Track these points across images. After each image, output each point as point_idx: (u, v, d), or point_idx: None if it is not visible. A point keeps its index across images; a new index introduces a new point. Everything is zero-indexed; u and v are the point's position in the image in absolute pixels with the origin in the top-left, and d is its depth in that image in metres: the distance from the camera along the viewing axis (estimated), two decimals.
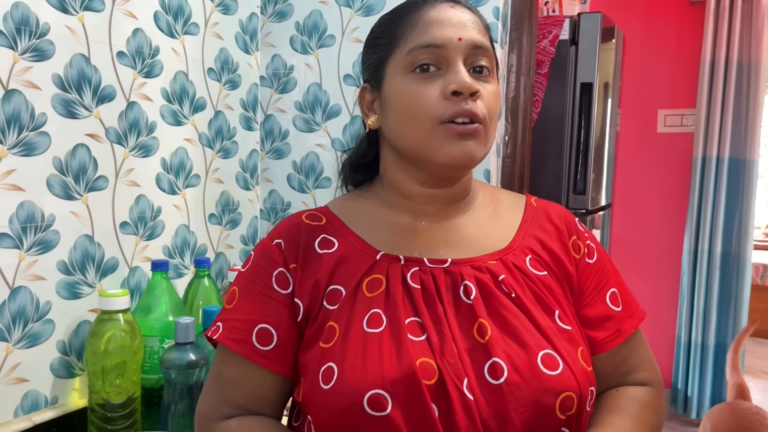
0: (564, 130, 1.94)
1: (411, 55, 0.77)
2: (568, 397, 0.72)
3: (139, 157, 1.29)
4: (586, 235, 0.89)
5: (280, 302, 0.79)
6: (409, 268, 0.78)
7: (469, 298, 0.76)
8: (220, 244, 1.53)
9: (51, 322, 1.13)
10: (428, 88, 0.76)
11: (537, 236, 0.85)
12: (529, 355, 0.72)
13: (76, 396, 1.18)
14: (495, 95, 0.79)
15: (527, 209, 0.89)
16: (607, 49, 2.13)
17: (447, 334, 0.73)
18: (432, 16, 0.78)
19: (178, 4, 1.37)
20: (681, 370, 3.24)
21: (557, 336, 0.76)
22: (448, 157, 0.76)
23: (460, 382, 0.70)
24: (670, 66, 3.27)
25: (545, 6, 2.04)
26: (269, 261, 0.81)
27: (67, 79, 1.13)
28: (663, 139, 3.33)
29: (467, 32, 0.77)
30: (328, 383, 0.71)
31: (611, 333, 0.84)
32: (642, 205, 3.36)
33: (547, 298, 0.79)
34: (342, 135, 1.55)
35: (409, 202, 0.83)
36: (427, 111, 0.75)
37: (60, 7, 1.11)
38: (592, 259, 0.87)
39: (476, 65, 0.78)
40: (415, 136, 0.77)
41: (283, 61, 1.60)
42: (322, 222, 0.84)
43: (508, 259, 0.81)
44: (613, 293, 0.87)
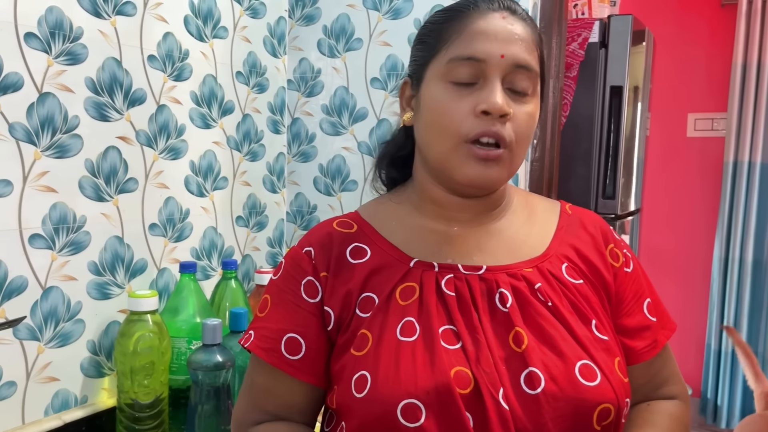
0: (593, 133, 1.91)
1: (451, 65, 0.75)
2: (606, 408, 0.71)
3: (169, 160, 1.30)
4: (622, 244, 0.88)
5: (309, 312, 0.78)
6: (443, 275, 0.77)
7: (505, 306, 0.75)
8: (246, 247, 1.54)
9: (81, 322, 1.15)
10: (460, 102, 0.74)
11: (572, 244, 0.83)
12: (567, 366, 0.71)
13: (105, 395, 1.19)
14: (529, 117, 0.76)
15: (562, 216, 0.87)
16: (638, 52, 2.10)
17: (482, 342, 0.72)
18: (480, 26, 0.75)
19: (208, 8, 1.38)
20: (711, 379, 3.18)
21: (594, 346, 0.74)
22: (466, 177, 0.75)
23: (496, 392, 0.69)
24: (701, 69, 3.22)
25: (574, 9, 2.02)
26: (298, 269, 0.80)
27: (100, 82, 1.15)
28: (693, 144, 3.27)
29: (512, 49, 0.74)
30: (361, 391, 0.70)
31: (649, 343, 0.83)
32: (671, 211, 3.31)
33: (583, 307, 0.77)
34: (368, 138, 1.55)
35: (440, 209, 0.82)
36: (454, 126, 0.74)
37: (93, 12, 1.13)
38: (630, 268, 0.86)
39: (516, 85, 0.75)
40: (439, 149, 0.76)
41: (311, 65, 1.61)
42: (354, 229, 0.83)
43: (544, 266, 0.79)
44: (650, 303, 0.85)
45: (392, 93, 1.52)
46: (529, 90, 0.76)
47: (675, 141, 3.29)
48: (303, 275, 0.80)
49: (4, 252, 1.02)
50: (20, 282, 1.04)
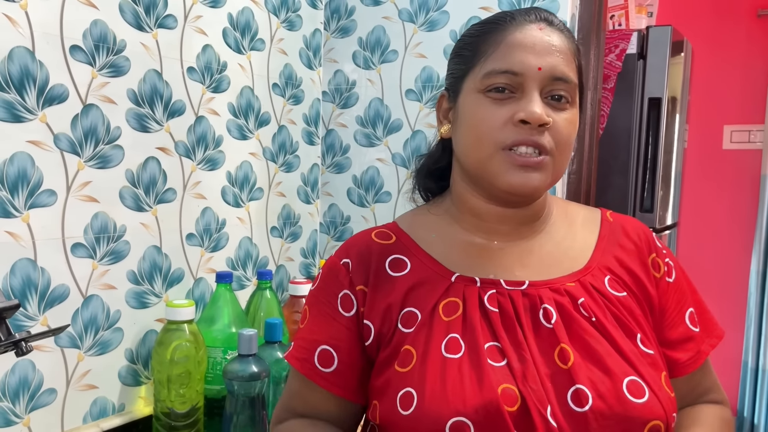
0: (630, 145, 1.88)
1: (488, 78, 0.75)
2: (656, 425, 0.70)
3: (206, 171, 1.32)
4: (665, 252, 0.86)
5: (343, 325, 0.78)
6: (485, 290, 0.76)
7: (549, 322, 0.74)
8: (281, 257, 1.54)
9: (120, 331, 1.16)
10: (498, 111, 0.74)
11: (615, 254, 0.82)
12: (614, 382, 0.70)
13: (142, 404, 1.20)
14: (569, 124, 0.76)
15: (603, 225, 0.86)
16: (676, 63, 2.07)
17: (528, 359, 0.71)
18: (517, 38, 0.75)
19: (246, 20, 1.39)
20: (747, 397, 3.09)
21: (641, 361, 0.73)
22: (507, 184, 0.74)
23: (544, 409, 0.68)
24: (737, 80, 3.16)
25: (611, 20, 2.00)
26: (335, 282, 0.80)
27: (141, 94, 1.17)
28: (729, 156, 3.21)
29: (549, 61, 0.74)
30: (408, 409, 0.70)
31: (692, 355, 0.82)
32: (707, 225, 3.24)
33: (628, 321, 0.76)
34: (403, 150, 1.55)
35: (479, 221, 0.81)
36: (492, 135, 0.74)
37: (136, 25, 1.15)
38: (672, 277, 0.84)
39: (554, 93, 0.75)
40: (477, 158, 0.76)
41: (346, 77, 1.61)
42: (392, 240, 0.83)
43: (586, 280, 0.78)
44: (691, 313, 0.84)
45: (427, 105, 1.52)
46: (569, 97, 0.76)
47: (711, 153, 3.23)
48: (339, 288, 0.80)
49: (47, 260, 1.03)
50: (62, 290, 1.06)
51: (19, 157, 0.99)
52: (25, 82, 0.99)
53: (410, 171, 0.94)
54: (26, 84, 0.99)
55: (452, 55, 0.83)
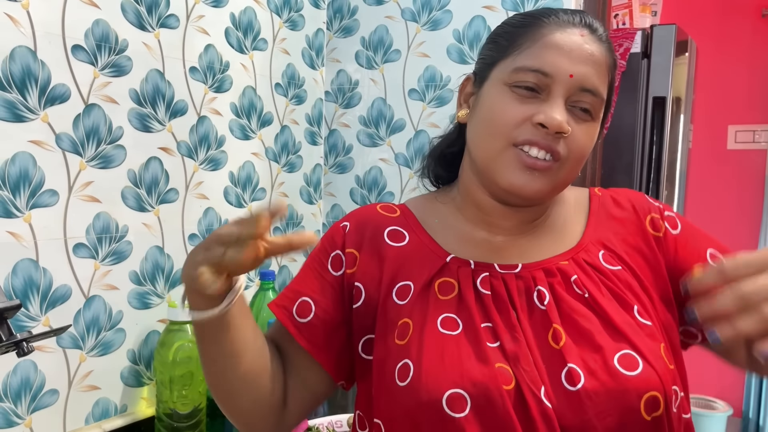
0: (635, 145, 1.87)
1: (517, 72, 0.74)
2: (653, 397, 0.68)
3: (208, 171, 1.31)
4: (661, 207, 0.84)
5: (328, 282, 0.80)
6: (478, 273, 0.76)
7: (542, 303, 0.74)
8: (283, 257, 1.54)
9: (122, 331, 1.15)
10: (518, 108, 0.73)
11: (608, 227, 0.81)
12: (605, 358, 0.69)
13: (144, 405, 1.20)
14: (587, 137, 0.74)
15: (593, 200, 0.85)
16: (681, 63, 2.06)
17: (522, 340, 0.71)
18: (556, 38, 0.73)
19: (248, 20, 1.39)
20: (753, 398, 3.08)
21: (637, 333, 0.72)
22: (509, 183, 0.73)
23: (538, 390, 0.68)
24: (742, 80, 3.15)
25: (615, 19, 1.99)
26: (331, 242, 0.82)
27: (143, 93, 1.17)
28: (733, 156, 3.19)
29: (583, 70, 0.72)
30: (405, 380, 0.70)
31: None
32: (712, 225, 3.22)
33: (624, 294, 0.75)
34: (405, 150, 1.54)
35: (482, 214, 0.81)
36: (506, 129, 0.73)
37: (138, 24, 1.15)
38: (677, 229, 0.82)
39: (580, 105, 0.73)
40: (487, 150, 0.75)
41: (348, 76, 1.61)
42: (396, 214, 0.84)
43: (579, 257, 0.78)
44: (712, 254, 0.81)
45: (430, 104, 1.51)
46: (593, 110, 0.74)
47: (715, 153, 3.22)
48: (333, 248, 0.81)
49: (49, 261, 1.03)
50: (64, 291, 1.06)
51: (21, 157, 0.99)
52: (26, 81, 0.99)
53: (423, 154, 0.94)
54: (28, 84, 0.99)
55: (488, 41, 0.82)
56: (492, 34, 0.81)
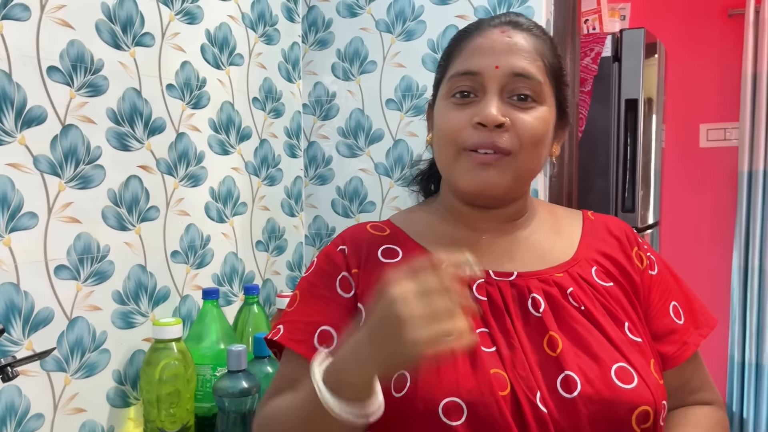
0: (610, 147, 1.91)
1: (451, 82, 0.79)
2: (644, 411, 0.71)
3: (189, 187, 1.31)
4: (645, 247, 0.88)
5: (343, 306, 0.79)
6: (474, 279, 0.77)
7: (537, 310, 0.75)
8: (267, 271, 1.54)
9: (107, 352, 1.15)
10: (459, 114, 0.77)
11: (599, 248, 0.84)
12: (603, 369, 0.71)
13: (132, 425, 1.19)
14: (534, 122, 0.76)
15: (586, 222, 0.88)
16: (651, 65, 2.10)
17: (517, 346, 0.73)
18: (478, 42, 0.78)
19: (224, 36, 1.39)
20: (735, 391, 3.12)
21: (629, 348, 0.74)
22: (468, 183, 0.77)
23: (533, 395, 0.69)
24: (711, 80, 3.21)
25: (585, 24, 2.03)
26: (333, 266, 0.81)
27: (120, 112, 1.16)
28: (706, 154, 3.26)
29: (509, 59, 0.76)
30: (401, 391, 0.70)
31: (678, 347, 0.83)
32: (688, 222, 3.28)
33: (615, 310, 0.78)
34: (385, 159, 1.56)
35: (466, 220, 0.84)
36: (453, 137, 0.77)
37: (113, 44, 1.15)
38: (654, 270, 0.86)
39: (517, 93, 0.76)
40: (444, 161, 0.79)
41: (325, 89, 1.62)
42: (386, 233, 0.85)
43: (574, 270, 0.80)
44: (675, 306, 0.85)
45: (408, 114, 1.53)
46: (535, 95, 0.77)
47: (688, 152, 3.28)
48: (338, 271, 0.81)
49: (30, 284, 1.02)
50: (47, 314, 1.05)
51: None
52: (2, 104, 0.98)
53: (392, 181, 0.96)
54: (3, 106, 0.98)
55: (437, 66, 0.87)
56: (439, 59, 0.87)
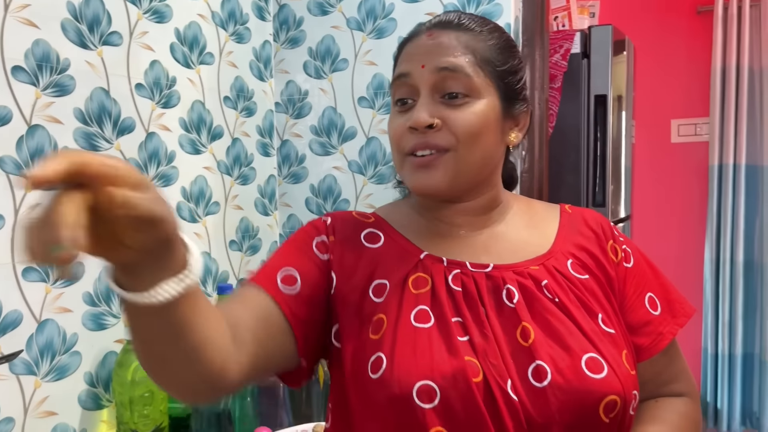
0: (580, 143, 1.93)
1: (392, 89, 0.82)
2: (613, 400, 0.72)
3: (160, 187, 1.30)
4: (622, 239, 0.89)
5: (314, 262, 0.79)
6: (451, 270, 0.78)
7: (511, 301, 0.76)
8: (241, 271, 1.53)
9: (78, 354, 1.13)
10: (399, 121, 0.80)
11: (576, 241, 0.85)
12: (573, 359, 0.72)
13: (105, 428, 1.18)
14: (471, 116, 0.77)
15: (563, 216, 0.89)
16: (619, 62, 2.13)
17: (490, 336, 0.74)
18: (408, 49, 0.81)
19: (193, 35, 1.39)
20: (709, 382, 3.18)
21: (601, 339, 0.75)
22: (414, 186, 0.79)
23: (504, 383, 0.70)
24: (682, 75, 3.26)
25: (555, 21, 2.05)
26: (314, 229, 0.83)
27: (88, 112, 1.15)
28: (677, 149, 3.31)
29: (433, 58, 0.77)
30: (377, 372, 0.71)
31: (653, 338, 0.84)
32: (661, 216, 3.33)
33: (589, 302, 0.79)
34: (358, 157, 1.56)
35: (441, 214, 0.85)
36: (397, 143, 0.80)
37: (79, 43, 1.14)
38: (629, 263, 0.87)
39: (447, 91, 0.77)
40: (396, 165, 0.82)
41: (298, 87, 1.62)
42: (371, 220, 0.87)
43: (549, 263, 0.81)
44: (651, 297, 0.86)
45: (380, 111, 1.53)
46: (466, 90, 0.77)
47: (660, 147, 3.33)
48: (317, 234, 0.82)
49: None
50: (15, 316, 1.03)
51: None
52: None
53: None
54: None
55: None
56: None
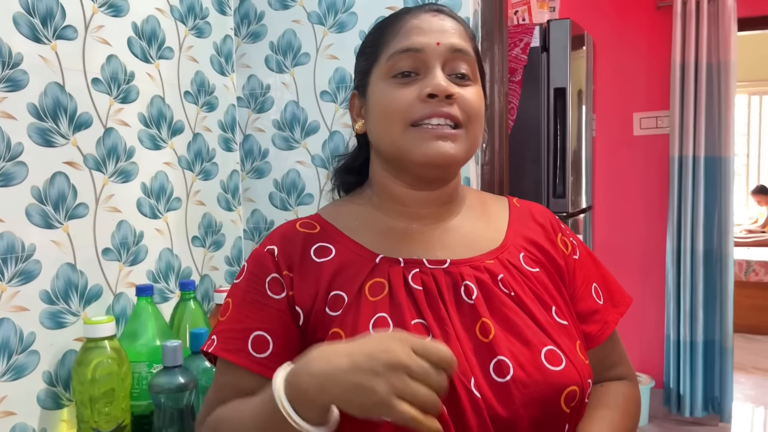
0: (540, 135, 1.96)
1: (392, 60, 0.79)
2: (573, 390, 0.74)
3: (119, 183, 1.29)
4: (568, 232, 0.91)
5: (274, 308, 0.78)
6: (409, 269, 0.78)
7: (470, 297, 0.77)
8: (204, 267, 1.52)
9: (36, 353, 1.12)
10: (405, 91, 0.78)
11: (525, 234, 0.87)
12: (533, 353, 0.74)
13: (65, 427, 1.16)
14: (475, 97, 0.80)
15: (512, 209, 0.91)
16: (579, 57, 2.17)
17: (451, 333, 0.74)
18: (414, 23, 0.80)
19: (152, 29, 1.37)
20: (672, 369, 3.25)
21: (557, 331, 0.77)
22: (424, 155, 0.77)
23: (468, 381, 0.71)
24: (643, 70, 3.33)
25: (515, 15, 2.08)
26: (262, 268, 0.81)
27: (43, 108, 1.13)
28: (640, 142, 3.38)
29: (446, 37, 0.79)
30: None
31: (600, 326, 0.87)
32: (623, 207, 3.40)
33: (543, 295, 0.80)
34: (322, 151, 1.56)
35: (402, 206, 0.84)
36: (401, 113, 0.77)
37: (32, 37, 1.12)
38: (577, 255, 0.90)
39: (456, 71, 0.79)
40: (392, 138, 0.79)
41: (260, 81, 1.61)
42: (316, 230, 0.84)
43: (504, 257, 0.82)
44: (595, 288, 0.89)
45: (342, 105, 1.54)
46: (471, 74, 0.80)
47: (623, 140, 3.39)
48: (267, 273, 0.80)
49: None
50: None
51: None
52: None
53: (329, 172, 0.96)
54: None
55: (357, 56, 0.88)
56: (359, 50, 0.87)
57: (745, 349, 4.42)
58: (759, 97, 6.87)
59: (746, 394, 3.65)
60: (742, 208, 6.52)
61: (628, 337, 3.36)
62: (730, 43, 3.03)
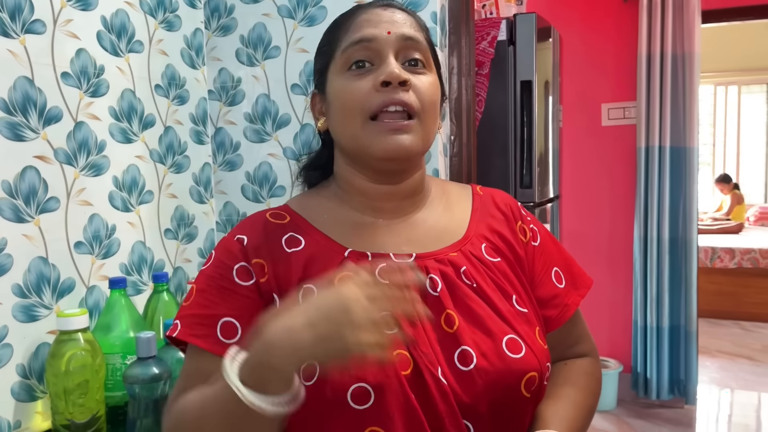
0: (508, 127, 2.00)
1: (345, 54, 0.81)
2: (532, 376, 0.78)
3: (91, 177, 1.29)
4: (529, 218, 0.94)
5: (243, 295, 0.79)
6: (376, 264, 0.80)
7: (435, 290, 0.80)
8: (177, 259, 1.54)
9: (9, 347, 1.13)
10: (361, 82, 0.80)
11: (488, 223, 0.90)
12: (495, 342, 0.77)
13: (40, 419, 1.18)
14: (430, 86, 0.82)
15: (475, 198, 0.93)
16: (545, 49, 2.21)
17: (418, 324, 0.77)
18: (364, 17, 0.82)
19: (121, 22, 1.37)
20: (639, 354, 3.33)
21: (517, 320, 0.81)
22: (382, 150, 0.79)
23: (435, 370, 0.74)
24: (610, 62, 3.39)
25: (483, 9, 2.11)
26: (230, 256, 0.81)
27: (12, 102, 1.13)
28: (608, 132, 3.44)
29: (397, 27, 0.81)
30: (310, 379, 0.72)
31: (560, 310, 0.90)
32: (591, 196, 3.47)
33: (503, 284, 0.84)
34: (293, 143, 1.58)
35: (366, 200, 0.86)
36: (359, 105, 0.79)
37: (0, 32, 1.12)
38: (537, 241, 0.93)
39: (409, 58, 0.81)
40: (351, 131, 0.81)
41: (230, 74, 1.62)
42: (287, 220, 0.85)
43: (466, 249, 0.85)
44: (556, 272, 0.92)
45: None
46: (424, 61, 0.83)
47: (591, 130, 3.46)
48: (235, 261, 0.80)
49: None
50: None
51: None
52: None
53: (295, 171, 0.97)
54: None
55: (315, 56, 0.90)
56: (316, 50, 0.89)
57: (709, 333, 4.55)
58: (725, 88, 7.02)
59: (711, 377, 3.76)
60: (709, 196, 6.67)
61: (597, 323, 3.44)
62: (695, 35, 3.10)
